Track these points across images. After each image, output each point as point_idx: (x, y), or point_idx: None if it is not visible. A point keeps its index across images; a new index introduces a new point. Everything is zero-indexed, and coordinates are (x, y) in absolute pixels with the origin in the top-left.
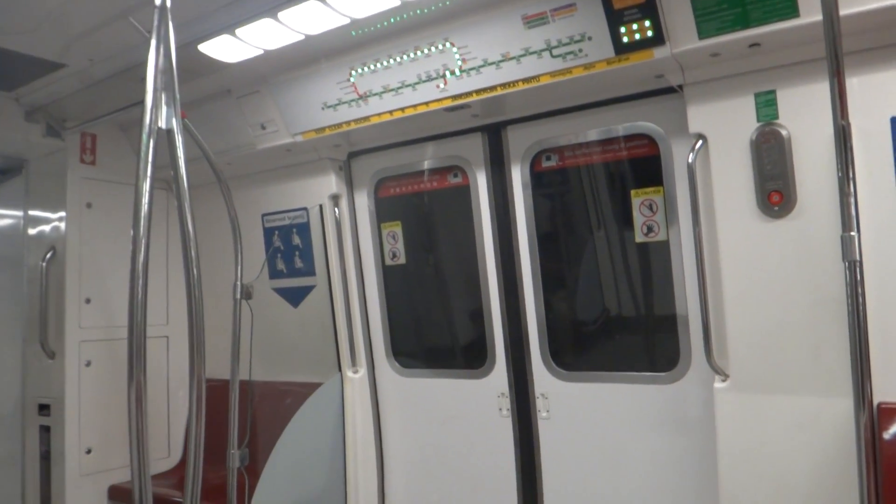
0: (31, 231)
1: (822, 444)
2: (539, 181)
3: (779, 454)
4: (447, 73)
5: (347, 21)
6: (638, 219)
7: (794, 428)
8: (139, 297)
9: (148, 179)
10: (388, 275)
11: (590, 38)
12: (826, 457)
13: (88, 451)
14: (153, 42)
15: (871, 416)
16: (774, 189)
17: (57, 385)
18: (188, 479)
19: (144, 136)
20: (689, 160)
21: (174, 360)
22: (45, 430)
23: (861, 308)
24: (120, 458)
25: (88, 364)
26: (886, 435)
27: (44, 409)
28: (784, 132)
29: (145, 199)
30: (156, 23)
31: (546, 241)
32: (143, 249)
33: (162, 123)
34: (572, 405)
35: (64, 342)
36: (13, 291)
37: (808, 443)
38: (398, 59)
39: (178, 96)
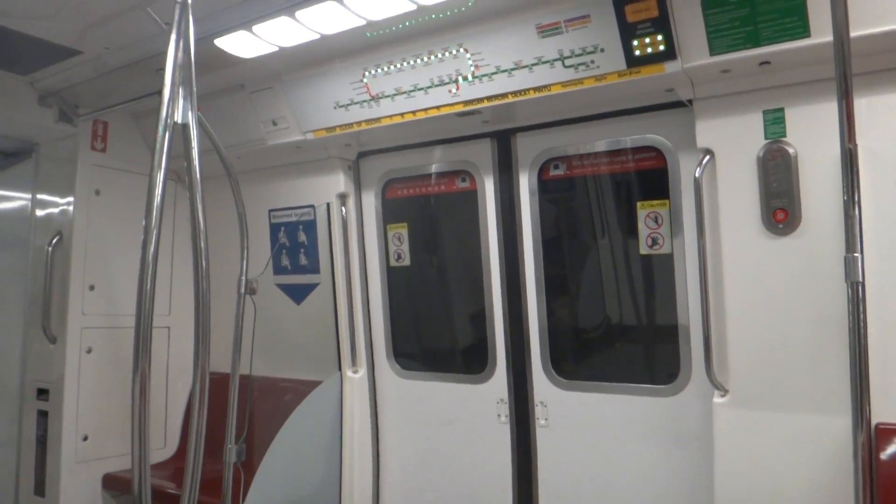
0: (39, 215)
1: (819, 463)
2: (546, 189)
3: (776, 471)
4: (460, 78)
5: (363, 22)
6: (643, 231)
7: (792, 445)
8: (148, 287)
9: (162, 171)
10: (392, 276)
11: (602, 50)
12: (823, 475)
13: (85, 438)
14: (173, 36)
15: (869, 437)
16: (780, 207)
17: (57, 370)
18: (188, 470)
19: (160, 129)
20: (696, 174)
21: (174, 351)
22: (43, 414)
23: (862, 329)
24: (116, 447)
25: (89, 351)
26: (884, 455)
27: (42, 393)
28: (791, 150)
29: (158, 191)
30: (177, 17)
31: (551, 249)
32: (153, 240)
33: (178, 117)
34: (571, 414)
35: (66, 328)
36: (18, 274)
37: (806, 461)
38: (412, 62)
39: (195, 91)
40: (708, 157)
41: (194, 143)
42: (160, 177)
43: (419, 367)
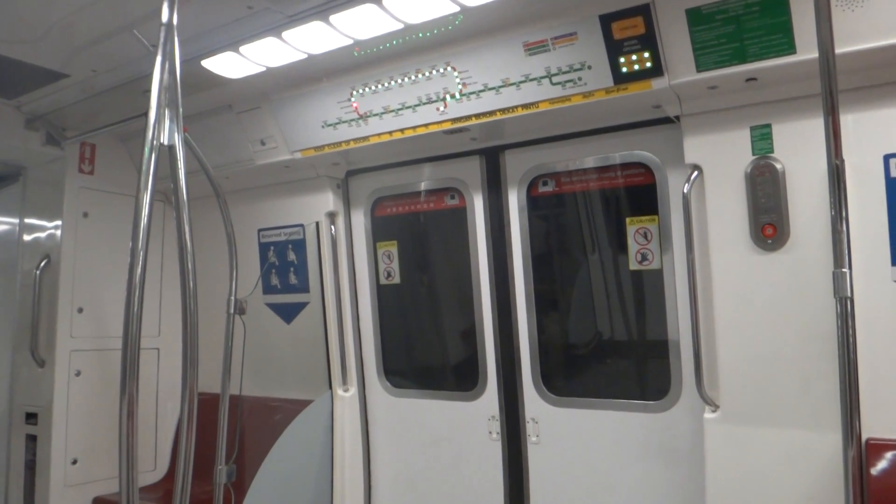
0: (27, 238)
1: (809, 478)
2: (535, 206)
3: (767, 487)
4: (447, 96)
5: (350, 42)
6: (632, 247)
7: (783, 461)
8: (135, 309)
9: (148, 193)
10: (382, 294)
11: (589, 67)
12: (814, 491)
13: (74, 462)
14: (158, 58)
15: (860, 452)
16: (768, 222)
17: (45, 394)
18: (176, 493)
19: (146, 151)
20: (685, 190)
21: (164, 372)
22: (32, 438)
23: (851, 344)
24: (105, 470)
25: (78, 374)
26: (874, 471)
27: (31, 417)
28: (779, 166)
29: (145, 212)
30: (162, 39)
31: (540, 266)
32: (140, 262)
33: (164, 139)
34: (562, 431)
35: (54, 351)
36: (5, 298)
37: (796, 476)
38: (399, 80)
39: (181, 112)
40: (696, 173)
41: (181, 165)
42: (147, 198)
43: (410, 385)
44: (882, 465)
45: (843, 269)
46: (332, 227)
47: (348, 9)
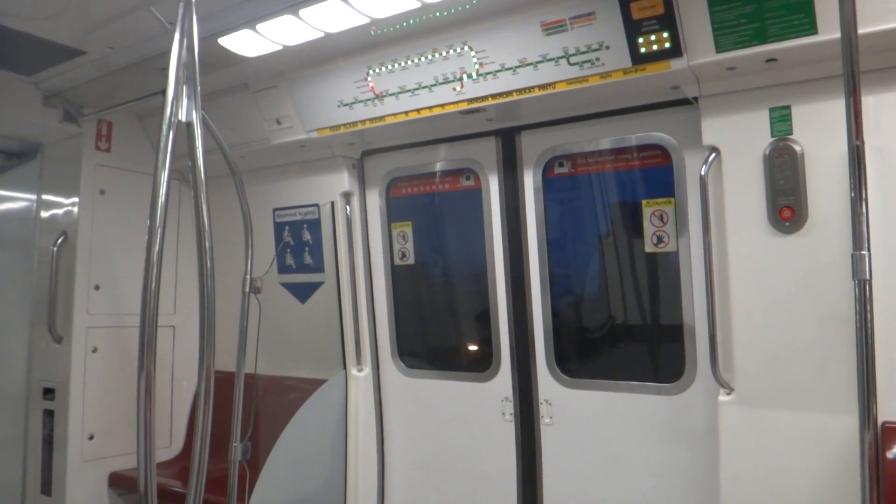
0: (44, 215)
1: (825, 462)
2: (551, 187)
3: (781, 470)
4: (464, 76)
5: (367, 20)
6: (648, 229)
7: (798, 444)
8: (152, 287)
9: (166, 170)
10: (397, 275)
11: (607, 48)
12: (829, 474)
13: (91, 437)
14: (177, 35)
15: (876, 435)
16: (786, 204)
17: (62, 370)
18: (193, 468)
19: (164, 128)
20: (702, 172)
21: (179, 350)
22: (49, 414)
23: (869, 327)
24: (122, 446)
25: (95, 350)
26: (890, 454)
27: (48, 392)
28: (798, 148)
29: (163, 190)
30: (180, 16)
31: (555, 248)
32: (158, 239)
33: (182, 116)
34: (576, 412)
35: (71, 327)
36: (23, 275)
37: (812, 459)
38: (416, 60)
39: (199, 89)
40: (714, 155)
41: (198, 142)
42: (164, 176)
43: (424, 366)
44: None
45: (862, 252)
46: (348, 207)
47: None
